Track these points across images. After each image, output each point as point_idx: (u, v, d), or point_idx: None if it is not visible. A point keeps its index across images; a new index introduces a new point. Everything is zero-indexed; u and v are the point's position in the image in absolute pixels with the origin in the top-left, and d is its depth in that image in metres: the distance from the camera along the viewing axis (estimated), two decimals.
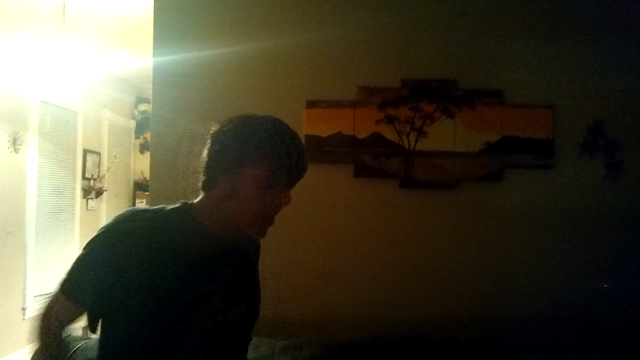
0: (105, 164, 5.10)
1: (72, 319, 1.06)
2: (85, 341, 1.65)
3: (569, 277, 2.09)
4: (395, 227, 2.14)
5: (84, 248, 1.03)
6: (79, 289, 1.02)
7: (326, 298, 2.10)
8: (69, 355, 1.58)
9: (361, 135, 2.12)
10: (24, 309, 3.78)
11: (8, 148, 3.60)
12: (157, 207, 1.10)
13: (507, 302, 2.10)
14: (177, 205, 1.10)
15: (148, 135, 5.46)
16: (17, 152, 3.69)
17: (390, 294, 2.10)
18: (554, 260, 2.10)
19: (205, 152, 1.08)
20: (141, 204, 5.65)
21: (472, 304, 2.09)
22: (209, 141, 1.07)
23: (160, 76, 2.18)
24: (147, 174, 5.32)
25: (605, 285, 2.06)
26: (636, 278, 2.06)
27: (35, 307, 3.88)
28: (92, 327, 1.04)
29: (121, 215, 1.06)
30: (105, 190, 5.08)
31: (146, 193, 5.35)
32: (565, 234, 2.10)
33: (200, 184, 1.08)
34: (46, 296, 1.06)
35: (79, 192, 4.64)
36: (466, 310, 2.08)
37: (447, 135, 2.12)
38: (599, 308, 2.05)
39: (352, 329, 2.01)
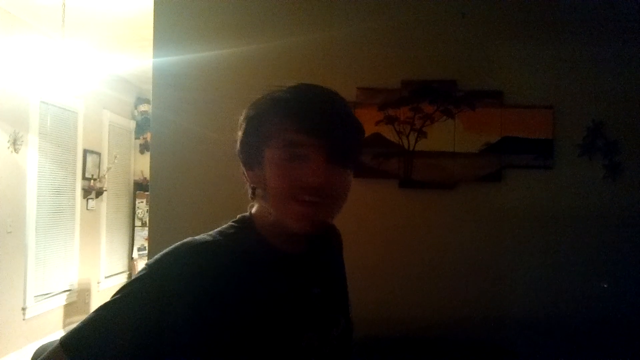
0: (105, 164, 5.10)
1: None
2: None
3: (568, 277, 2.09)
4: (395, 228, 2.14)
5: (114, 297, 0.72)
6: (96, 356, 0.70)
7: None
8: None
9: None
10: (24, 309, 3.78)
11: (8, 148, 3.60)
12: (212, 234, 0.82)
13: (506, 302, 2.10)
14: (236, 219, 0.88)
15: (148, 135, 5.47)
16: (17, 152, 3.69)
17: (388, 294, 2.11)
18: (553, 261, 2.10)
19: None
20: (143, 203, 5.66)
21: (470, 304, 2.09)
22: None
23: (160, 76, 2.19)
24: (147, 174, 5.33)
25: (605, 285, 2.07)
26: (636, 278, 2.06)
27: (35, 307, 3.89)
28: None
29: (169, 256, 0.75)
30: (106, 191, 5.08)
31: (146, 193, 5.36)
32: (564, 235, 2.11)
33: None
34: (46, 296, 0.88)
35: (79, 192, 4.64)
36: (465, 311, 2.08)
37: (447, 135, 2.12)
38: (599, 308, 2.06)
39: None
